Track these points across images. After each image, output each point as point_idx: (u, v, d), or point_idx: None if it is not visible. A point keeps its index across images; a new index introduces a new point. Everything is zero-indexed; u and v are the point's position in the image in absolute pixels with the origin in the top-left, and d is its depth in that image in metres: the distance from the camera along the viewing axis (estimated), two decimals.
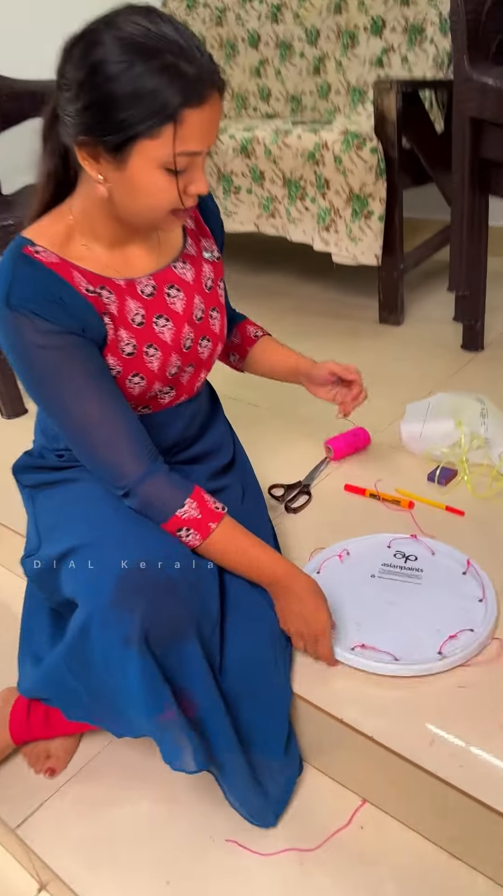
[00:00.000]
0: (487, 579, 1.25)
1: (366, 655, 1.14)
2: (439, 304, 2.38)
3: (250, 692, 1.09)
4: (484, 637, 1.15)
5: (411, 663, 1.12)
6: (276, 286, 2.74)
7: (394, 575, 1.29)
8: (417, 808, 1.07)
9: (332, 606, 1.24)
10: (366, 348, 2.20)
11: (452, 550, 1.32)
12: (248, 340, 1.40)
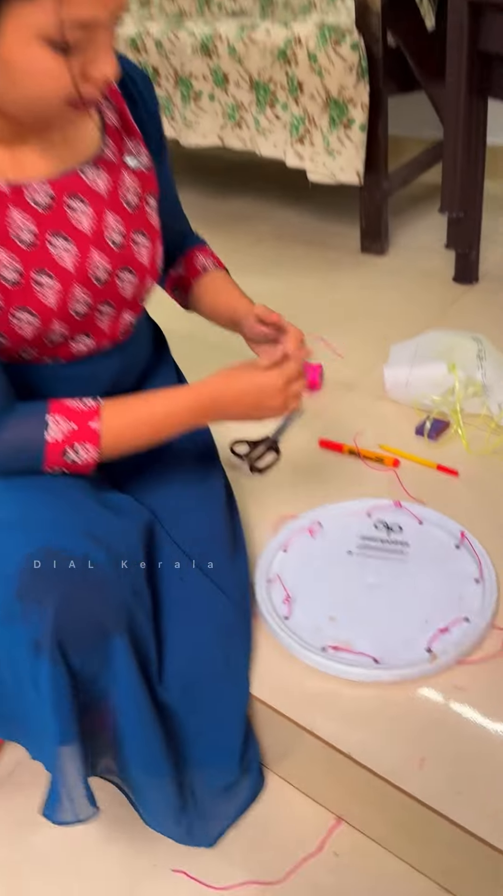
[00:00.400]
0: (485, 555, 1.05)
1: (341, 659, 0.94)
2: (429, 231, 2.13)
3: (195, 701, 0.90)
4: (482, 628, 0.95)
5: (395, 666, 0.92)
6: (247, 211, 2.46)
7: (374, 551, 1.09)
8: (404, 836, 0.89)
9: (300, 594, 1.04)
10: (347, 281, 1.96)
11: (444, 519, 1.11)
12: (193, 272, 1.11)
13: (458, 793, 0.82)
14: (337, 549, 1.10)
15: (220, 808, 0.95)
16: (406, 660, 0.93)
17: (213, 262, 1.13)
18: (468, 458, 1.27)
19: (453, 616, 0.98)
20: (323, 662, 0.94)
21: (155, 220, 0.96)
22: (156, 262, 0.96)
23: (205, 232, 1.18)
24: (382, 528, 1.12)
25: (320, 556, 1.10)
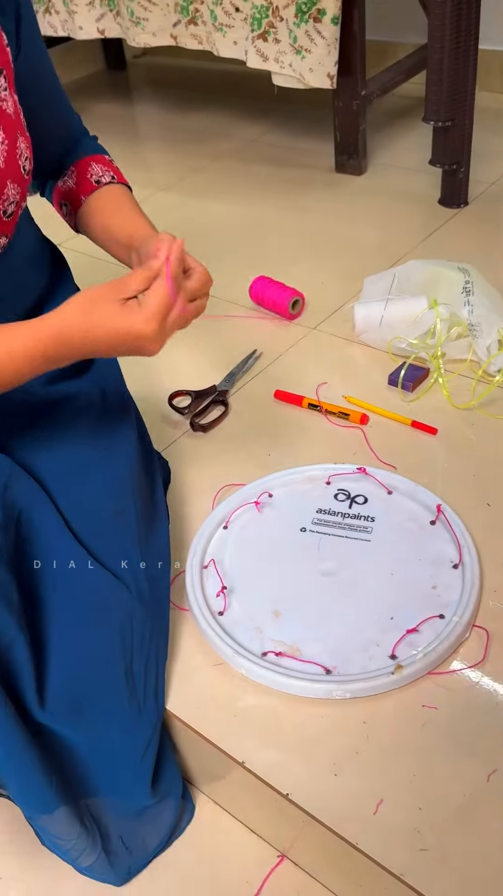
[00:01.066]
0: (465, 533, 0.85)
1: (285, 668, 0.76)
2: (411, 149, 1.88)
3: (85, 721, 0.72)
4: (461, 627, 0.77)
5: (349, 679, 0.74)
6: (210, 127, 2.19)
7: (333, 527, 0.90)
8: (362, 893, 0.71)
9: (240, 583, 0.84)
10: (318, 204, 1.71)
11: (417, 489, 0.92)
12: (85, 186, 0.88)
13: (423, 850, 0.64)
14: (288, 526, 0.91)
15: (132, 839, 0.77)
16: (364, 670, 0.75)
17: (111, 174, 0.89)
18: (449, 412, 1.07)
19: (424, 612, 0.79)
20: (260, 673, 0.75)
21: (12, 107, 0.73)
22: (17, 163, 0.73)
23: (160, 150, 0.96)
24: (344, 500, 0.93)
25: (267, 534, 0.90)
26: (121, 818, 0.76)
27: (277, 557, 0.88)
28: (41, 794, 0.69)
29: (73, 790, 0.73)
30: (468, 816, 0.65)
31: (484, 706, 0.73)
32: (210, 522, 0.91)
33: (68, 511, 0.79)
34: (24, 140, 0.74)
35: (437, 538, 0.87)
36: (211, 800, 0.83)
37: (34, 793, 0.69)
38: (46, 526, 0.76)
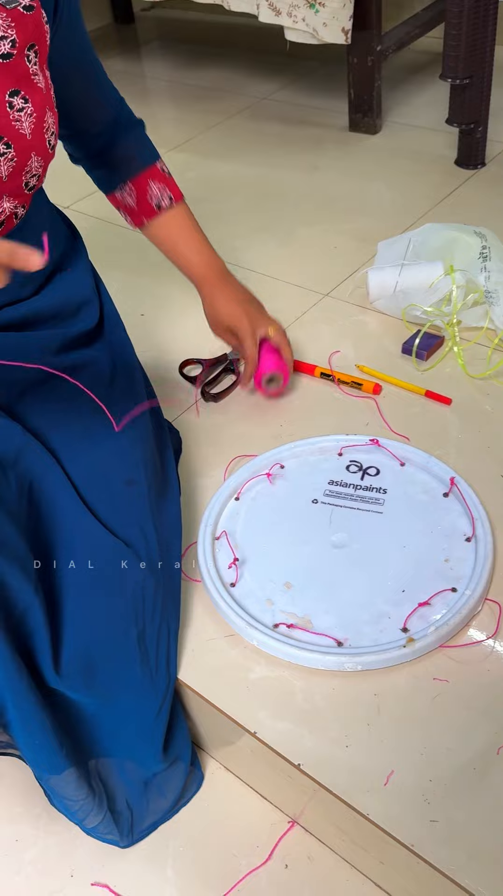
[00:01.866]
0: (479, 506, 0.85)
1: (296, 640, 0.76)
2: (428, 107, 1.83)
3: (99, 687, 0.73)
4: (473, 601, 0.76)
5: (360, 652, 0.74)
6: (220, 84, 2.13)
7: (345, 499, 0.89)
8: (367, 855, 0.72)
9: (252, 555, 0.84)
10: (330, 164, 1.67)
11: (431, 461, 0.91)
12: (147, 210, 0.97)
13: (433, 821, 0.65)
14: (300, 498, 0.90)
15: (138, 802, 0.79)
16: (375, 642, 0.75)
17: (168, 195, 0.97)
18: (464, 382, 1.06)
19: (437, 585, 0.78)
20: (272, 644, 0.76)
21: (42, 82, 0.71)
22: (44, 137, 0.72)
23: (170, 108, 0.95)
24: (356, 472, 0.92)
25: (279, 506, 0.90)
26: (128, 781, 0.78)
27: (289, 529, 0.87)
28: (51, 756, 0.70)
29: (83, 752, 0.74)
30: (478, 788, 0.66)
31: (495, 679, 0.73)
32: (222, 494, 0.91)
33: (79, 481, 0.79)
34: (52, 115, 0.74)
35: (450, 511, 0.86)
36: (222, 766, 0.85)
37: (45, 754, 0.70)
38: (58, 496, 0.76)
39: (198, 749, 0.85)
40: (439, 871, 0.62)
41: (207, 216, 0.83)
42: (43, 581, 0.72)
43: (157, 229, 0.99)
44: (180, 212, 0.99)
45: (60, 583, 0.74)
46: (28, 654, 0.69)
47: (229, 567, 0.84)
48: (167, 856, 0.79)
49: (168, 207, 0.97)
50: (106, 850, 0.80)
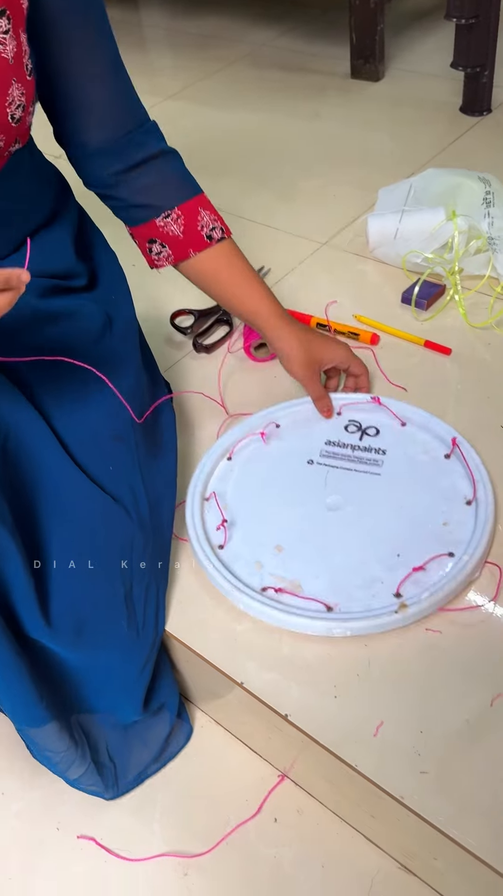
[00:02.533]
0: (481, 467, 0.81)
1: (284, 604, 0.73)
2: (432, 52, 1.76)
3: (86, 640, 0.71)
4: (471, 566, 0.73)
5: (351, 617, 0.71)
6: (219, 31, 2.06)
7: (342, 460, 0.86)
8: (357, 808, 0.71)
9: (242, 516, 0.82)
10: (332, 111, 1.62)
11: (432, 420, 0.87)
12: (196, 240, 0.84)
13: (423, 772, 0.63)
14: (295, 458, 0.87)
15: (121, 753, 0.77)
16: (367, 608, 0.72)
17: (220, 228, 0.85)
18: (465, 331, 1.02)
19: (433, 549, 0.75)
20: (259, 608, 0.73)
21: (11, 51, 0.65)
22: (6, 111, 0.66)
23: (167, 56, 0.90)
24: (355, 431, 0.89)
25: (272, 466, 0.87)
26: (110, 731, 0.76)
27: (282, 491, 0.84)
28: (31, 709, 0.69)
29: (64, 706, 0.73)
30: (469, 741, 0.64)
31: (490, 632, 0.70)
32: (213, 453, 0.88)
33: (66, 435, 0.76)
34: (19, 86, 0.67)
35: (451, 472, 0.83)
36: (212, 719, 0.83)
37: (24, 707, 0.68)
38: (43, 450, 0.73)
39: (187, 702, 0.84)
40: (428, 823, 0.60)
41: (205, 165, 0.77)
42: (26, 535, 0.70)
43: (204, 264, 0.86)
44: (232, 246, 0.87)
45: (46, 537, 0.72)
46: (6, 604, 0.67)
47: (217, 529, 0.81)
48: (154, 809, 0.78)
49: (219, 240, 0.85)
50: (92, 803, 0.79)
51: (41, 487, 0.72)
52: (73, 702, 0.73)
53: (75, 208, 0.88)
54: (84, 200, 0.92)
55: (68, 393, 0.77)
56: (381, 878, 0.70)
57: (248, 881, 0.72)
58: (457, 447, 0.83)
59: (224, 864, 0.73)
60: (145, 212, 0.83)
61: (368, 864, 0.71)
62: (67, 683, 0.72)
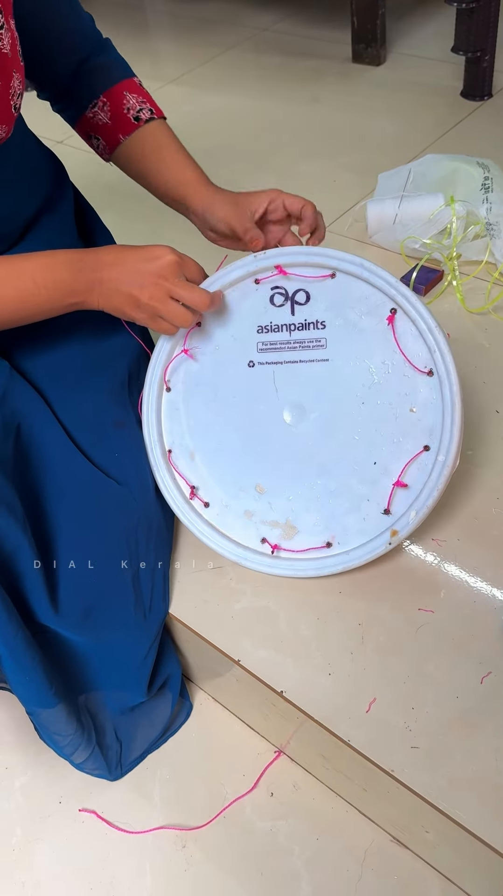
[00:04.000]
0: (435, 330, 0.68)
1: (287, 560, 0.74)
2: (433, 37, 1.76)
3: (93, 625, 0.73)
4: (448, 468, 0.68)
5: (350, 550, 0.72)
6: (220, 15, 2.06)
7: (282, 351, 0.74)
8: (352, 784, 0.73)
9: (211, 461, 0.79)
10: (332, 96, 1.62)
11: (364, 265, 0.70)
12: (124, 124, 0.81)
13: (414, 747, 0.64)
14: (232, 365, 0.75)
15: (126, 733, 0.79)
16: (362, 533, 0.71)
17: (148, 108, 0.82)
18: (462, 316, 1.03)
19: (409, 447, 0.69)
20: (268, 571, 0.74)
21: (8, 43, 0.65)
22: (9, 103, 0.67)
23: (168, 40, 0.89)
24: (283, 303, 0.73)
25: (214, 384, 0.77)
26: (116, 712, 0.78)
27: (236, 414, 0.76)
28: (41, 691, 0.70)
29: (73, 687, 0.74)
30: (460, 716, 0.66)
31: (480, 610, 0.72)
32: (151, 389, 0.78)
33: (69, 423, 0.77)
34: (18, 76, 0.67)
35: (404, 335, 0.69)
36: (211, 697, 0.85)
37: (35, 689, 0.70)
38: (48, 438, 0.75)
39: (186, 681, 0.85)
40: (419, 796, 0.62)
41: (205, 149, 0.76)
42: (35, 523, 0.71)
43: (133, 146, 0.81)
44: (162, 127, 0.83)
45: (54, 525, 0.73)
46: (17, 592, 0.69)
47: (192, 498, 0.78)
48: (154, 784, 0.80)
49: (148, 120, 0.81)
50: (94, 778, 0.81)
51: (48, 476, 0.73)
52: (82, 684, 0.75)
53: (72, 192, 0.88)
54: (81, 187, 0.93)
55: (69, 378, 0.78)
56: (374, 851, 0.72)
57: (245, 853, 0.74)
58: (402, 301, 0.69)
59: (221, 837, 0.75)
60: (76, 106, 0.83)
61: (362, 838, 0.73)
62: (76, 666, 0.74)
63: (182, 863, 0.74)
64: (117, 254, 0.68)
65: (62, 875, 0.75)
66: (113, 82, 0.82)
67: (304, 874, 0.72)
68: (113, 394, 0.79)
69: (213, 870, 0.73)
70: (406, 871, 0.70)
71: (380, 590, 0.75)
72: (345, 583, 0.76)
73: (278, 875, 0.72)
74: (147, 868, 0.74)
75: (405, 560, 0.77)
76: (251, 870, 0.73)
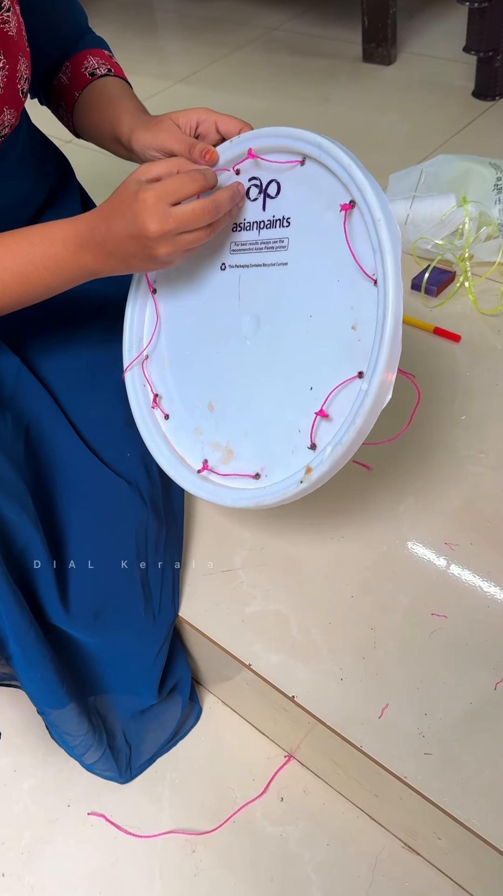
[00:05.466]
0: (380, 219, 0.57)
1: (215, 483, 0.70)
2: (445, 36, 1.75)
3: (104, 627, 0.72)
4: (373, 385, 0.58)
5: (269, 482, 0.66)
6: (230, 15, 2.05)
7: (250, 253, 0.67)
8: (366, 792, 0.72)
9: (178, 369, 0.75)
10: (343, 95, 1.61)
11: (335, 150, 0.61)
12: (80, 80, 0.77)
13: (427, 754, 0.64)
14: (208, 264, 0.70)
15: (136, 737, 0.79)
16: (286, 467, 0.64)
17: (107, 66, 0.79)
18: (475, 318, 1.02)
19: (343, 370, 0.60)
20: (195, 491, 0.70)
21: (15, 27, 0.65)
22: (17, 87, 0.66)
23: (178, 40, 0.88)
24: (256, 197, 0.66)
25: (192, 290, 0.72)
26: (126, 715, 0.78)
27: (203, 325, 0.71)
28: (53, 691, 0.70)
29: (84, 688, 0.74)
30: (473, 723, 0.65)
31: (494, 615, 0.71)
32: (138, 287, 0.75)
33: (79, 422, 0.77)
34: (24, 60, 0.67)
35: (359, 234, 0.59)
36: (220, 700, 0.84)
37: (47, 689, 0.70)
38: (58, 437, 0.74)
39: (196, 684, 0.85)
40: (432, 803, 0.62)
41: None
42: (46, 523, 0.71)
43: (83, 101, 0.76)
44: (116, 81, 0.77)
45: (64, 524, 0.73)
46: (29, 590, 0.69)
47: (153, 407, 0.75)
48: (163, 787, 0.80)
49: (104, 75, 0.77)
50: (103, 781, 0.80)
51: (59, 475, 0.73)
52: (91, 686, 0.74)
53: (78, 189, 0.88)
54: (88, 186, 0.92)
55: (79, 377, 0.78)
56: (385, 857, 0.71)
57: (255, 859, 0.73)
58: (358, 194, 0.59)
59: (231, 842, 0.75)
60: (47, 78, 0.81)
61: (373, 844, 0.72)
62: (86, 669, 0.74)
63: (192, 868, 0.74)
64: (106, 221, 0.62)
65: (71, 879, 0.75)
66: (80, 49, 0.79)
67: (315, 880, 0.71)
68: (123, 393, 0.79)
69: (223, 875, 0.73)
70: (418, 877, 0.70)
71: (392, 594, 0.74)
72: (357, 587, 0.75)
73: (289, 881, 0.71)
74: (156, 872, 0.74)
75: (417, 564, 0.76)
76: (261, 875, 0.72)
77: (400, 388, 0.64)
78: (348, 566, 0.77)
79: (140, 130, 0.70)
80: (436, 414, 0.90)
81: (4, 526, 0.66)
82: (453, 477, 0.83)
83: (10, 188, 0.76)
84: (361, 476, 0.84)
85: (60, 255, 0.63)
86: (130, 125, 0.71)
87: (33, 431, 0.73)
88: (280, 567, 0.78)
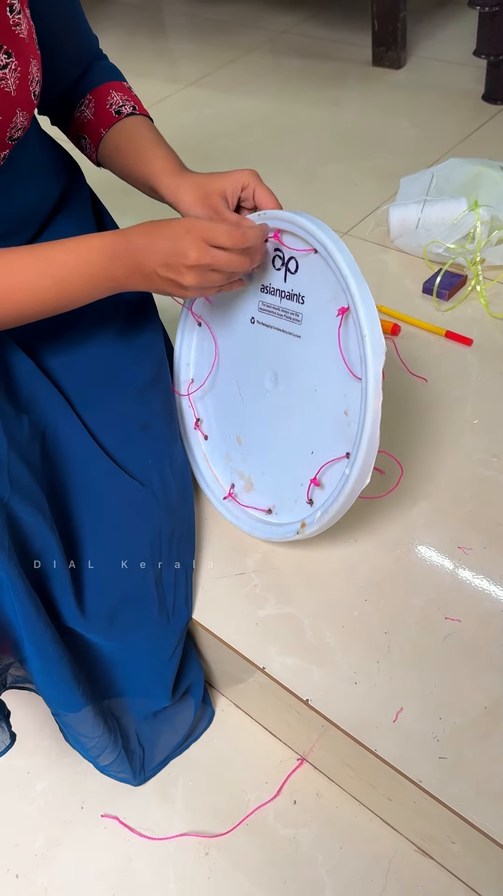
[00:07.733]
0: (367, 333, 0.63)
1: (234, 513, 0.83)
2: (455, 39, 1.75)
3: (119, 629, 0.73)
4: (354, 473, 0.67)
5: (278, 521, 0.79)
6: (239, 18, 2.05)
7: (273, 315, 0.74)
8: (380, 795, 0.72)
9: (214, 401, 0.84)
10: (353, 99, 1.61)
11: (339, 246, 0.65)
12: (106, 117, 0.80)
13: (441, 758, 0.64)
14: (238, 316, 0.77)
15: (150, 739, 0.79)
16: (290, 512, 0.77)
17: (131, 104, 0.81)
18: (486, 322, 1.02)
19: (335, 448, 0.70)
20: (222, 511, 0.83)
21: (26, 30, 0.66)
22: (29, 89, 0.67)
23: (187, 43, 0.88)
24: (280, 268, 0.72)
25: (225, 330, 0.79)
26: (139, 717, 0.78)
27: (236, 365, 0.79)
28: (69, 694, 0.70)
29: (99, 690, 0.74)
30: (488, 727, 0.65)
31: None
32: (185, 322, 0.82)
33: (93, 424, 0.77)
34: (35, 63, 0.68)
35: (351, 335, 0.66)
36: (233, 704, 0.85)
37: (62, 692, 0.70)
38: (73, 441, 0.75)
39: (209, 687, 0.85)
40: (447, 807, 0.62)
41: (224, 152, 0.76)
42: (61, 525, 0.71)
43: (111, 140, 0.79)
44: (142, 121, 0.80)
45: (79, 527, 0.73)
46: (45, 593, 0.69)
47: (195, 428, 0.85)
48: (177, 790, 0.80)
49: (129, 115, 0.80)
50: (116, 783, 0.81)
51: (73, 478, 0.73)
52: (106, 687, 0.75)
53: (88, 193, 0.88)
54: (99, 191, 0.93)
55: (93, 382, 0.78)
56: (399, 861, 0.71)
57: (268, 861, 0.73)
58: (351, 302, 0.64)
59: (244, 845, 0.75)
60: (67, 109, 0.83)
61: (386, 847, 0.72)
62: (100, 671, 0.74)
63: (205, 870, 0.74)
64: (147, 237, 0.65)
65: (84, 881, 0.75)
66: (101, 82, 0.82)
67: (328, 882, 0.71)
68: (137, 395, 0.79)
69: (236, 877, 0.73)
70: (431, 881, 0.70)
71: (405, 598, 0.74)
72: (371, 591, 0.75)
73: (302, 883, 0.72)
74: (170, 875, 0.74)
75: (431, 569, 0.76)
76: (274, 878, 0.72)
77: (408, 391, 0.64)
78: (362, 570, 0.77)
79: (180, 194, 0.73)
80: (448, 417, 0.90)
81: (21, 529, 0.66)
82: (466, 480, 0.84)
83: (23, 190, 0.76)
84: (373, 480, 0.83)
85: (94, 262, 0.66)
86: (169, 189, 0.74)
87: (49, 436, 0.73)
88: (293, 571, 0.79)
